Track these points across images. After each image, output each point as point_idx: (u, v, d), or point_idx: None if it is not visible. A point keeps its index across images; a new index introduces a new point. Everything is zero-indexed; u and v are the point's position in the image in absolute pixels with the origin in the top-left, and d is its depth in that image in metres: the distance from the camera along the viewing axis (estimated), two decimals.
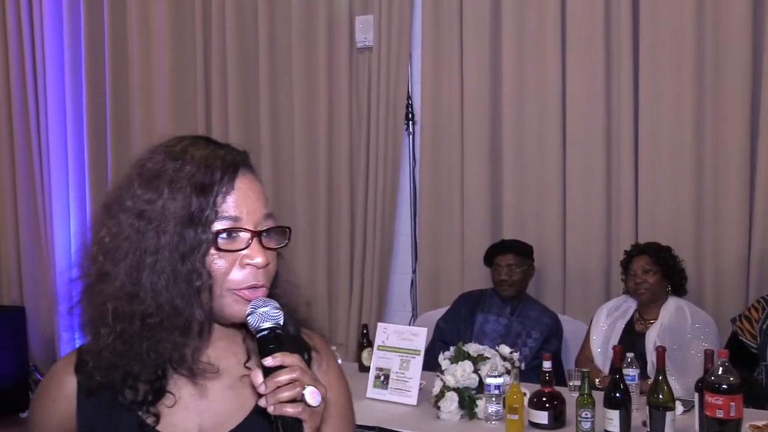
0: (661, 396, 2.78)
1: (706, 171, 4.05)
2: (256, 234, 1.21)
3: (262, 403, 1.14)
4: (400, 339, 3.35)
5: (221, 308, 1.22)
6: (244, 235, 1.21)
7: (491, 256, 4.09)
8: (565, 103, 4.30)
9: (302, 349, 1.32)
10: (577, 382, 3.19)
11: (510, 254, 4.02)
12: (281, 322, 1.20)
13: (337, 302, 4.87)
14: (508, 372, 3.07)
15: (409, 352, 3.31)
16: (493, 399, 3.01)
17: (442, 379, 3.12)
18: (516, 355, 3.22)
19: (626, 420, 2.80)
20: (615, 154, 4.22)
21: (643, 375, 3.33)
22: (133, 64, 5.29)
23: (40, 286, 5.68)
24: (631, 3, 4.11)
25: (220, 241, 1.20)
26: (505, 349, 3.22)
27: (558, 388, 3.04)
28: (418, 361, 3.28)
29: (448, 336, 3.92)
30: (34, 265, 5.68)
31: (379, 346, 3.39)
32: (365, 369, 3.56)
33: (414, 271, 4.80)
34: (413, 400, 3.24)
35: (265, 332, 1.19)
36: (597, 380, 3.41)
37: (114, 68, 5.32)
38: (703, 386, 2.71)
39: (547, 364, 2.99)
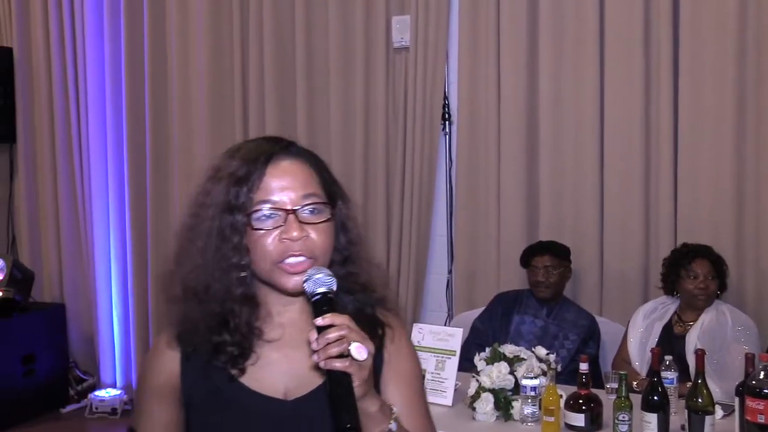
0: (700, 400, 2.75)
1: (747, 171, 4.00)
2: (291, 211, 1.36)
3: (314, 358, 1.28)
4: (436, 339, 3.34)
5: (272, 281, 1.40)
6: (281, 214, 1.36)
7: (528, 257, 4.06)
8: (603, 101, 4.27)
9: (376, 324, 1.48)
10: (614, 385, 3.16)
11: (547, 255, 3.99)
12: (333, 288, 1.34)
13: None
14: (544, 373, 3.05)
15: (444, 352, 3.30)
16: (529, 400, 2.99)
17: (477, 380, 3.11)
18: (552, 357, 3.20)
19: (664, 424, 2.77)
20: (654, 154, 4.18)
21: (682, 378, 3.27)
22: (172, 65, 5.33)
23: (80, 284, 5.76)
24: (671, 3, 4.07)
25: (255, 222, 1.36)
26: (542, 351, 3.20)
27: (595, 391, 3.01)
28: (454, 362, 3.26)
29: (484, 337, 3.90)
30: (75, 264, 5.76)
31: (414, 346, 3.37)
32: None
33: (450, 272, 4.80)
34: (448, 401, 3.23)
35: (319, 296, 1.33)
36: (634, 383, 3.37)
37: (153, 70, 5.36)
38: (743, 390, 2.66)
39: (583, 366, 2.96)
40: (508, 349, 3.18)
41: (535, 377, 3.01)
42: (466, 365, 3.32)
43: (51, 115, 5.69)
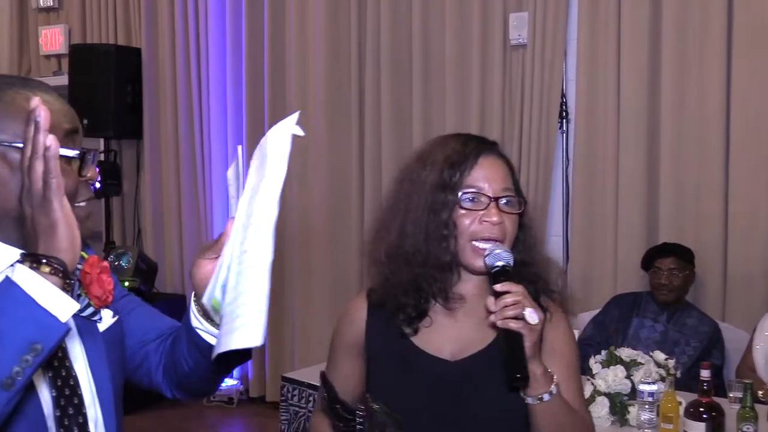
0: None
1: None
2: (493, 199, 1.61)
3: (492, 318, 1.51)
4: None
5: (463, 256, 1.62)
6: (484, 200, 1.61)
7: (650, 259, 3.96)
8: (729, 98, 4.11)
9: (540, 308, 1.61)
10: (738, 394, 3.04)
11: (671, 257, 3.88)
12: (511, 263, 1.57)
13: None
14: (662, 379, 2.96)
15: None
16: (647, 406, 2.91)
17: (593, 383, 3.05)
18: (671, 362, 3.10)
19: None
20: None
21: None
22: (290, 64, 5.44)
23: None
24: None
25: (464, 202, 1.61)
26: (660, 356, 3.11)
27: (717, 399, 2.90)
28: None
29: (599, 340, 3.82)
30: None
31: None
32: None
33: (565, 272, 4.71)
34: None
35: (498, 268, 1.56)
36: (760, 393, 3.24)
37: (272, 70, 5.49)
38: None
39: (705, 373, 2.85)
40: (625, 353, 3.11)
41: (653, 383, 2.92)
42: (580, 367, 3.26)
43: (175, 113, 5.91)
